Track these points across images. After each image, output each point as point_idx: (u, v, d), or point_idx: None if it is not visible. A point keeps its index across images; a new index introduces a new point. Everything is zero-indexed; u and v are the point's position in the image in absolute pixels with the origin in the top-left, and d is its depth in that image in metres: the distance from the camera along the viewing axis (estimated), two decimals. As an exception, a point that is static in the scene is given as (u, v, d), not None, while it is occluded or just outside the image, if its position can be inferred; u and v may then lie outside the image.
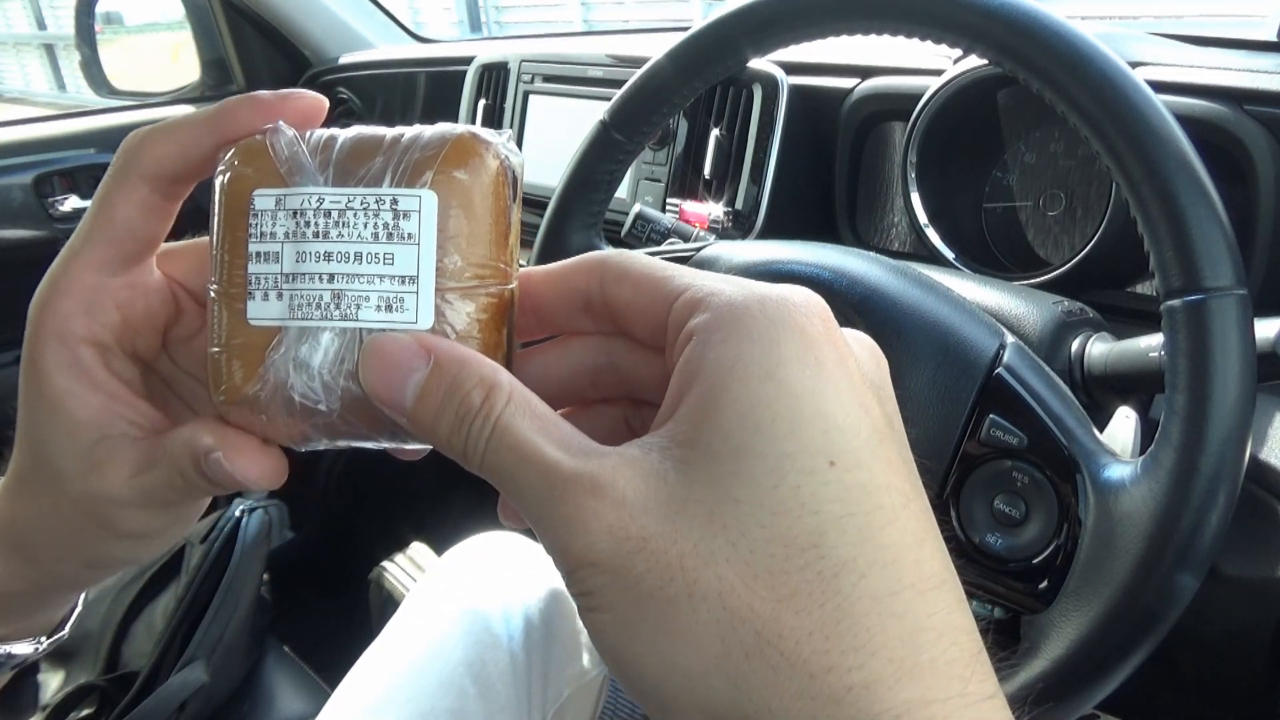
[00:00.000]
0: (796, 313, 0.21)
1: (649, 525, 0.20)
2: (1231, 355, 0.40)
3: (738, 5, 0.55)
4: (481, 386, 0.22)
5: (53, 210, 1.27)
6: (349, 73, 1.40)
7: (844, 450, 0.20)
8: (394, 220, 0.23)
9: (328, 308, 0.23)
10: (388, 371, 0.23)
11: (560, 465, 0.21)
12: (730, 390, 0.21)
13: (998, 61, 0.47)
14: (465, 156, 0.24)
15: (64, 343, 0.26)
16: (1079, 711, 0.43)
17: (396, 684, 0.67)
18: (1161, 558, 0.41)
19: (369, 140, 0.24)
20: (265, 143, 0.25)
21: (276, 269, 0.24)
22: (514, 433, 0.21)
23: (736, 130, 0.86)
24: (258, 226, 0.24)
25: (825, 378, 0.21)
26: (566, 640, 0.75)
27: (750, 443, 0.20)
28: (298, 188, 0.24)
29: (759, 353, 0.21)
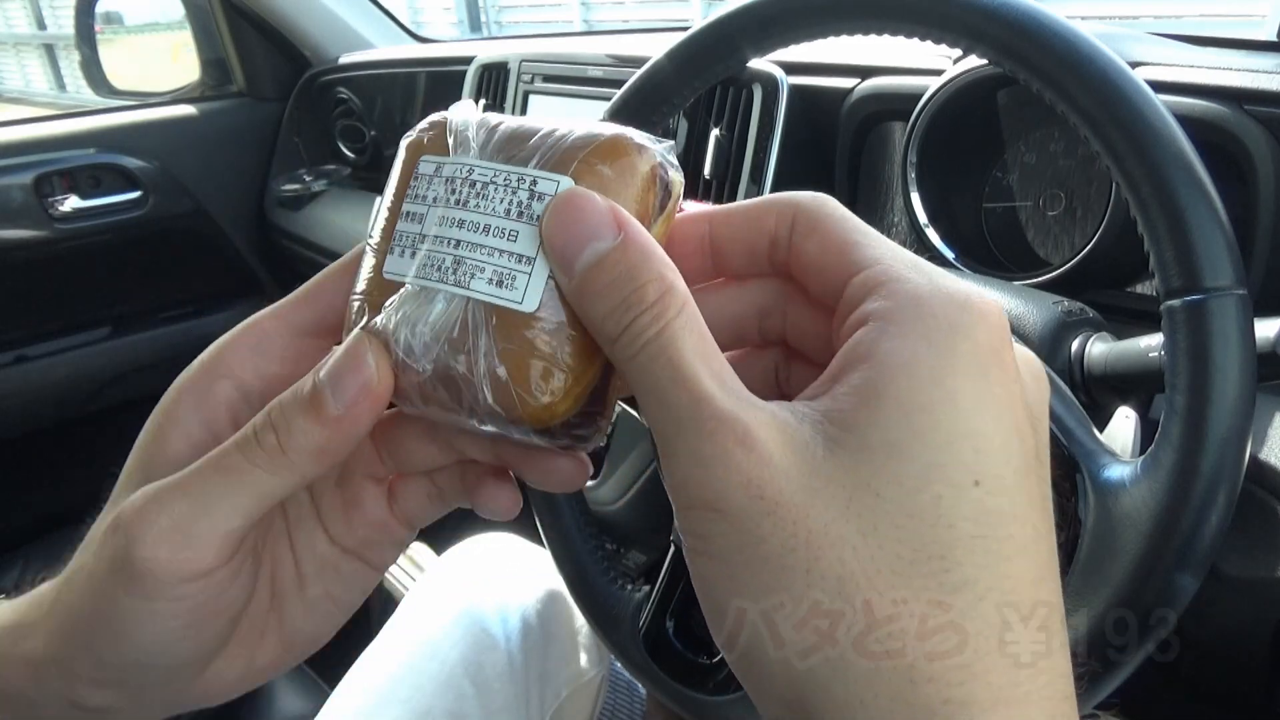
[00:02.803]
0: (976, 322, 0.21)
1: (786, 491, 0.20)
2: (1231, 355, 0.40)
3: (738, 5, 0.55)
4: (660, 284, 0.21)
5: (53, 210, 1.27)
6: (349, 73, 1.40)
7: (991, 473, 0.20)
8: (528, 200, 0.23)
9: (447, 272, 0.24)
10: (574, 226, 0.22)
11: (714, 400, 0.20)
12: (896, 386, 0.20)
13: (998, 61, 0.46)
14: (615, 154, 0.24)
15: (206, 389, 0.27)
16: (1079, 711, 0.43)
17: (395, 684, 0.67)
18: (1161, 558, 0.41)
19: (531, 128, 0.25)
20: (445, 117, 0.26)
21: (418, 229, 0.25)
22: (677, 346, 0.21)
23: (736, 130, 0.86)
24: (415, 189, 0.26)
25: (990, 396, 0.20)
26: (564, 641, 0.75)
27: (904, 444, 0.20)
28: (456, 158, 0.25)
29: (933, 356, 0.20)
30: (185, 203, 1.40)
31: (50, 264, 1.31)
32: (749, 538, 0.20)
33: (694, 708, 0.57)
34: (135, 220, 1.34)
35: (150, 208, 1.35)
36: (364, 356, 0.24)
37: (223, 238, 1.47)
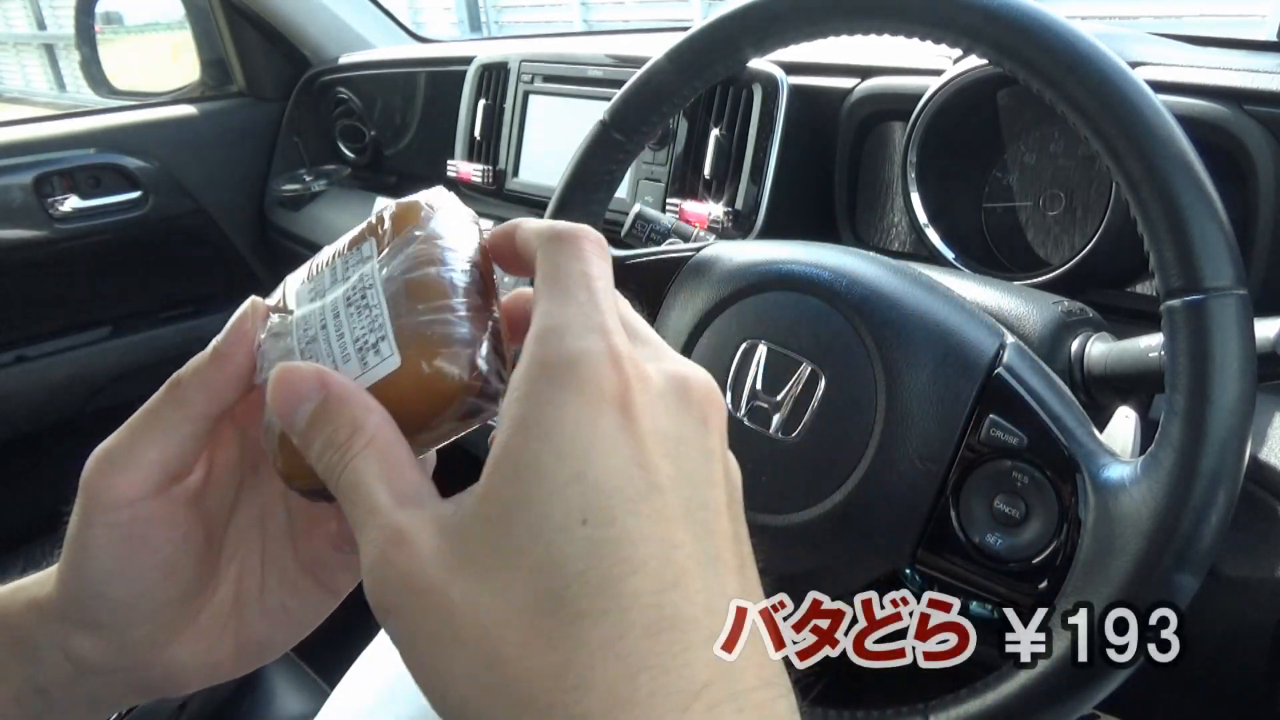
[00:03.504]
0: (588, 375, 0.23)
1: (433, 577, 0.23)
2: (1231, 355, 0.40)
3: (738, 5, 0.55)
4: (349, 426, 0.25)
5: (53, 210, 1.27)
6: (349, 73, 1.40)
7: (598, 509, 0.22)
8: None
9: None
10: (288, 395, 0.26)
11: (380, 513, 0.24)
12: (510, 451, 0.23)
13: (998, 61, 0.46)
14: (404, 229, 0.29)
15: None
16: (1079, 711, 0.43)
17: (395, 684, 0.67)
18: (1161, 558, 0.41)
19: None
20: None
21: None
22: (359, 473, 0.24)
23: (736, 130, 0.86)
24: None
25: (598, 439, 0.23)
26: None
27: (517, 504, 0.22)
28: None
29: (542, 415, 0.23)
30: (185, 203, 1.40)
31: (50, 264, 1.31)
32: (410, 623, 0.23)
33: (694, 708, 0.57)
34: (135, 220, 1.34)
35: (150, 208, 1.35)
36: (244, 313, 0.30)
37: (223, 238, 1.47)
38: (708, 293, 0.58)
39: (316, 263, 0.31)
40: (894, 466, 0.49)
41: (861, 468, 0.50)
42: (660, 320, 0.60)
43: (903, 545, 0.50)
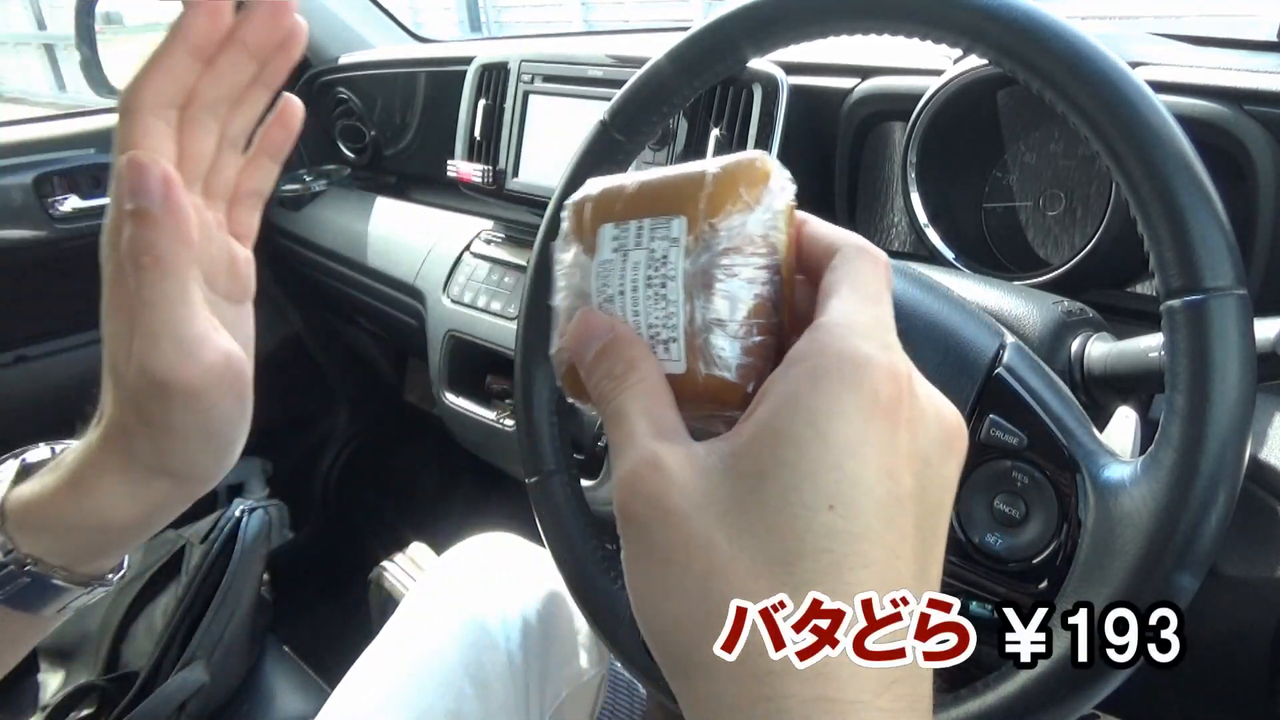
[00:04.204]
0: (869, 380, 0.25)
1: (680, 501, 0.25)
2: (1231, 355, 0.40)
3: (738, 5, 0.55)
4: (626, 365, 0.29)
5: (53, 210, 1.27)
6: (349, 73, 1.40)
7: (847, 501, 0.24)
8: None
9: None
10: (581, 335, 0.30)
11: (638, 439, 0.27)
12: (777, 424, 0.25)
13: (998, 61, 0.46)
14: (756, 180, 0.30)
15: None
16: (1079, 711, 0.43)
17: (395, 684, 0.67)
18: (1161, 558, 0.41)
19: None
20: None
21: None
22: (626, 404, 0.28)
23: (736, 130, 0.86)
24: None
25: (865, 440, 0.25)
26: (564, 641, 0.75)
27: (771, 470, 0.25)
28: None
29: (814, 400, 0.25)
30: (185, 203, 1.40)
31: (50, 264, 1.31)
32: (647, 537, 0.26)
33: (694, 708, 0.57)
34: (135, 220, 1.34)
35: (150, 208, 1.35)
36: (144, 169, 0.34)
37: (222, 238, 1.47)
38: (708, 293, 0.58)
39: (618, 200, 0.31)
40: (894, 466, 0.49)
41: (861, 468, 0.50)
42: (660, 320, 0.60)
43: (903, 545, 0.50)
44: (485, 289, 1.10)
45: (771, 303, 0.29)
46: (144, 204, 0.33)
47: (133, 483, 0.38)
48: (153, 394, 0.36)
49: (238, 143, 0.40)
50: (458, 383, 1.13)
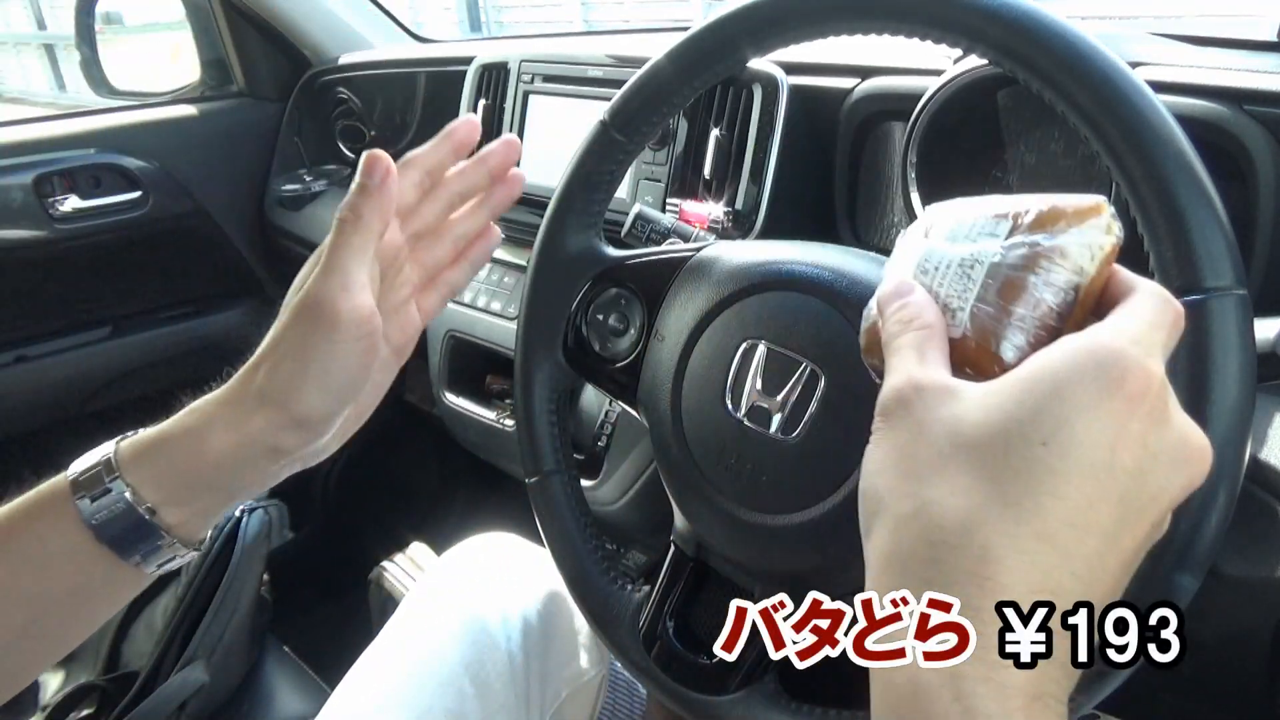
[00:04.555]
0: (1120, 368, 0.29)
1: (922, 415, 0.31)
2: (1231, 355, 0.40)
3: (738, 5, 0.55)
4: (915, 313, 0.35)
5: (53, 210, 1.27)
6: (349, 73, 1.40)
7: (1060, 442, 0.28)
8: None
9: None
10: (894, 293, 0.36)
11: (909, 365, 0.33)
12: (1027, 376, 0.30)
13: (998, 61, 0.46)
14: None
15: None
16: (1080, 711, 0.43)
17: (395, 685, 0.67)
18: (1161, 558, 0.41)
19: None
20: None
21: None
22: (907, 341, 0.34)
23: (736, 130, 0.86)
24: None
25: (1096, 410, 0.29)
26: (564, 641, 0.75)
27: (1009, 409, 0.29)
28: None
29: (1067, 372, 0.29)
30: (185, 203, 1.40)
31: (50, 264, 1.30)
32: (894, 437, 0.32)
33: (694, 708, 0.57)
34: (135, 220, 1.34)
35: (150, 208, 1.35)
36: (377, 154, 0.45)
37: (223, 238, 1.47)
38: (708, 293, 0.58)
39: (966, 209, 0.37)
40: (894, 466, 0.49)
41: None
42: (660, 320, 0.60)
43: (903, 545, 0.50)
44: (485, 289, 1.10)
45: (1059, 311, 0.33)
46: (366, 180, 0.44)
47: (235, 407, 0.43)
48: (302, 314, 0.43)
49: (450, 239, 0.52)
50: (458, 383, 1.13)
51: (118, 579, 0.45)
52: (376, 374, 0.48)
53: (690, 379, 0.57)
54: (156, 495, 0.43)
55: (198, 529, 0.45)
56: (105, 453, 0.44)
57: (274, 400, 0.43)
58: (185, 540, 0.45)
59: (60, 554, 0.43)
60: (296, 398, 0.43)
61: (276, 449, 0.44)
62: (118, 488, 0.42)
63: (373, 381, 0.48)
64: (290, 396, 0.43)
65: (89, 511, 0.42)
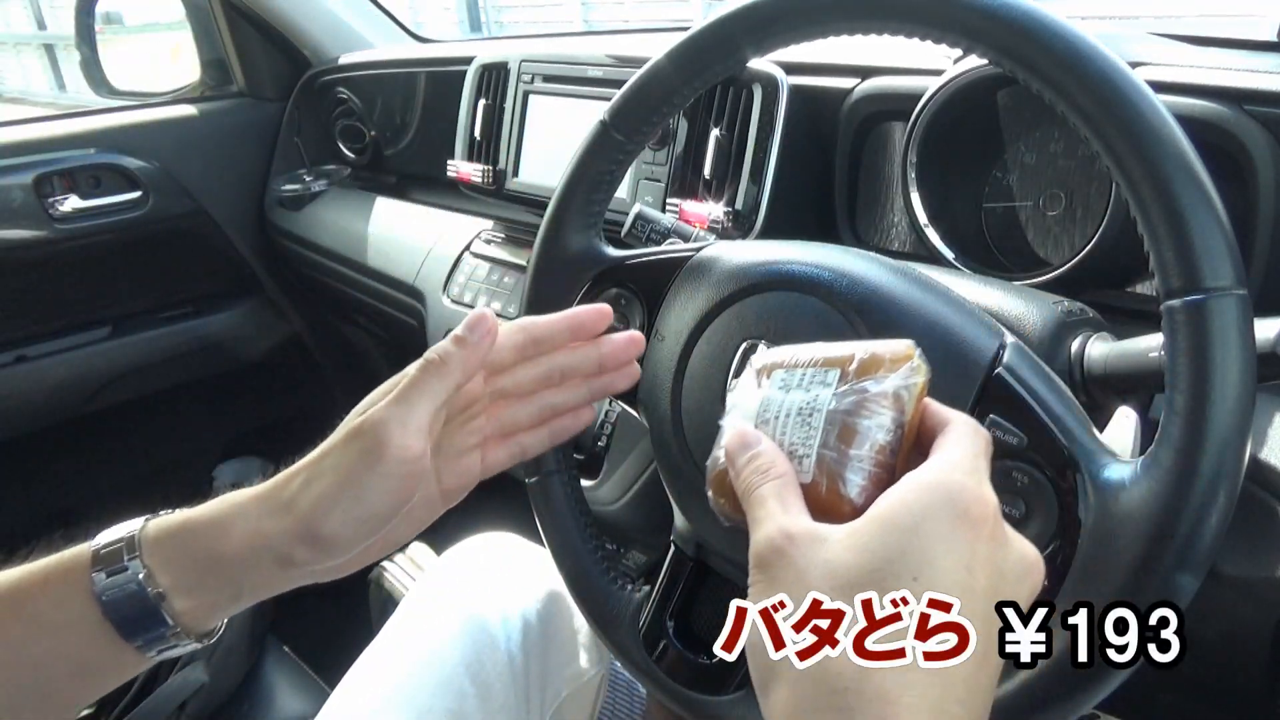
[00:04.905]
0: (960, 504, 0.33)
1: (800, 561, 0.33)
2: (1231, 355, 0.40)
3: (738, 5, 0.55)
4: (768, 464, 0.38)
5: (53, 210, 1.27)
6: (349, 73, 1.40)
7: (927, 575, 0.32)
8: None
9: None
10: (742, 443, 0.39)
11: (774, 516, 0.35)
12: (886, 517, 0.33)
13: (997, 61, 0.46)
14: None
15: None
16: (1079, 711, 0.43)
17: (395, 684, 0.67)
18: (1161, 558, 0.41)
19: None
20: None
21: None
22: (766, 492, 0.37)
23: (736, 130, 0.86)
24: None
25: (950, 539, 0.32)
26: (564, 641, 0.75)
27: (875, 549, 0.33)
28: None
29: (919, 506, 0.33)
30: (185, 203, 1.40)
31: (50, 264, 1.31)
32: (776, 588, 0.33)
33: (694, 708, 0.57)
34: (135, 220, 1.34)
35: (150, 208, 1.35)
36: (486, 314, 0.46)
37: (223, 238, 1.47)
38: (708, 293, 0.58)
39: (798, 357, 0.40)
40: (894, 466, 0.49)
41: (861, 468, 0.50)
42: (660, 320, 0.60)
43: (903, 545, 0.50)
44: (485, 289, 1.10)
45: (890, 448, 0.37)
46: (466, 335, 0.45)
47: (261, 507, 0.44)
48: (353, 437, 0.43)
49: (537, 405, 0.52)
50: (458, 383, 1.13)
51: (121, 659, 0.44)
52: (419, 511, 0.48)
53: (690, 379, 0.57)
54: (168, 579, 0.43)
55: (205, 621, 0.45)
56: (132, 529, 0.44)
57: (298, 513, 0.43)
58: (190, 630, 0.44)
59: (70, 624, 0.43)
60: (321, 517, 0.43)
61: (288, 559, 0.43)
62: (134, 567, 0.42)
63: (412, 517, 0.48)
64: (315, 513, 0.43)
65: (102, 586, 0.42)
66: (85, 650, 0.43)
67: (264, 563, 0.43)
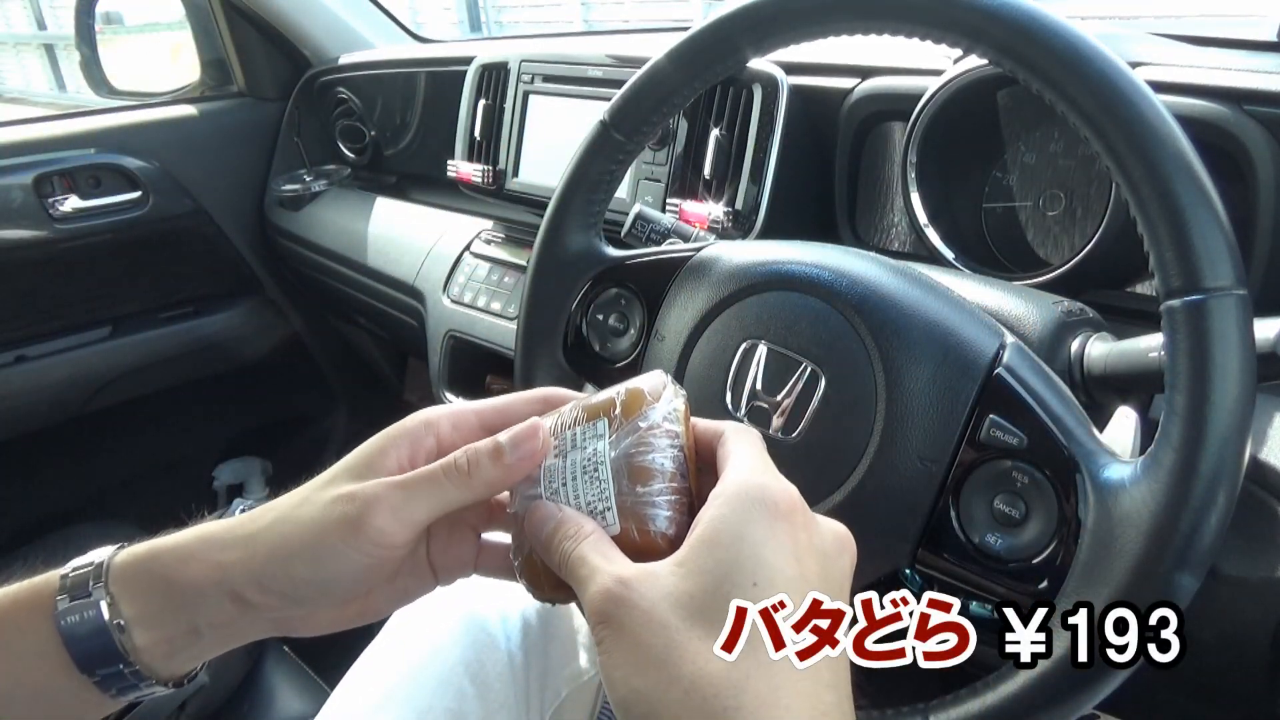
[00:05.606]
0: (770, 501, 0.34)
1: (640, 601, 0.33)
2: (1231, 355, 0.40)
3: (738, 5, 0.55)
4: (575, 528, 0.37)
5: (53, 210, 1.27)
6: (349, 73, 1.40)
7: (766, 578, 0.33)
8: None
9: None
10: (541, 520, 0.39)
11: (600, 571, 0.35)
12: (710, 536, 0.34)
13: (998, 61, 0.46)
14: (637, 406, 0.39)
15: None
16: (1079, 711, 0.43)
17: (395, 684, 0.67)
18: (1161, 558, 0.41)
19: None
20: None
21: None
22: (584, 552, 0.36)
23: (736, 130, 0.86)
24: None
25: (774, 539, 0.34)
26: (564, 640, 0.75)
27: (710, 568, 0.33)
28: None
29: (736, 516, 0.34)
30: (185, 203, 1.40)
31: (50, 264, 1.30)
32: (623, 635, 0.33)
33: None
34: (135, 220, 1.34)
35: (150, 208, 1.35)
36: (537, 431, 0.40)
37: (223, 238, 1.47)
38: (708, 293, 0.58)
39: (561, 421, 0.40)
40: (894, 467, 0.49)
41: (861, 468, 0.50)
42: (660, 320, 0.60)
43: (903, 545, 0.50)
44: (485, 289, 1.10)
45: (680, 472, 0.38)
46: (509, 449, 0.40)
47: (227, 537, 0.40)
48: (337, 500, 0.39)
49: None
50: (458, 383, 1.13)
51: (83, 697, 0.41)
52: (408, 585, 0.45)
53: (690, 379, 0.57)
54: (132, 610, 0.40)
55: (167, 661, 0.41)
56: (101, 556, 0.41)
57: (254, 551, 0.40)
58: (153, 671, 0.41)
59: (33, 652, 0.40)
60: (276, 564, 0.40)
61: (242, 598, 0.40)
62: (97, 594, 0.40)
63: (399, 588, 0.45)
64: (271, 559, 0.40)
65: (63, 611, 0.40)
66: (46, 683, 0.40)
67: (219, 598, 0.40)
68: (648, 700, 0.32)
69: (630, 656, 0.33)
